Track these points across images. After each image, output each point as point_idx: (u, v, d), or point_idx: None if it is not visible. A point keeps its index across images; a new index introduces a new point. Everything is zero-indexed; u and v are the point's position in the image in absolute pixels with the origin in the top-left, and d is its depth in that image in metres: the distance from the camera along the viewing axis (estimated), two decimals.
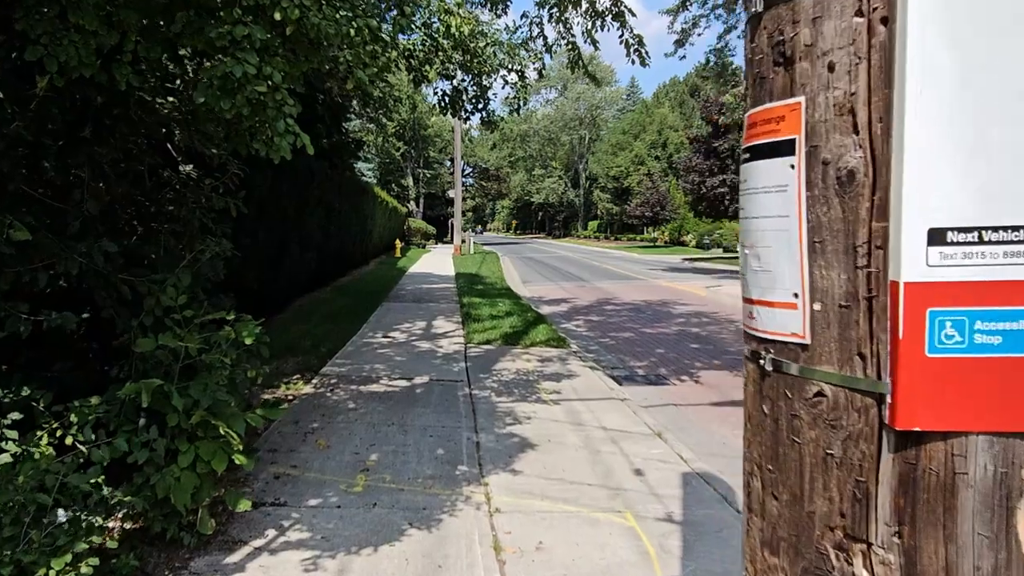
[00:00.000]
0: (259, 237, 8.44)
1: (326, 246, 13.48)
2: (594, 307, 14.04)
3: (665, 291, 17.10)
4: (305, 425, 5.05)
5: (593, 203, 76.51)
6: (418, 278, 19.03)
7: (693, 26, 20.29)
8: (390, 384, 6.45)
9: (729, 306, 13.74)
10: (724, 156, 29.65)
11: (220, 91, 2.65)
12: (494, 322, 10.40)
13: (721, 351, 9.10)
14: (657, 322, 11.74)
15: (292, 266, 10.66)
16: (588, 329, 11.20)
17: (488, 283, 17.32)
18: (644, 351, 9.22)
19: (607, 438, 5.03)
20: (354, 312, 11.32)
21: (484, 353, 8.29)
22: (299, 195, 10.61)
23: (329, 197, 12.97)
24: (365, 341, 8.83)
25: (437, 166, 58.16)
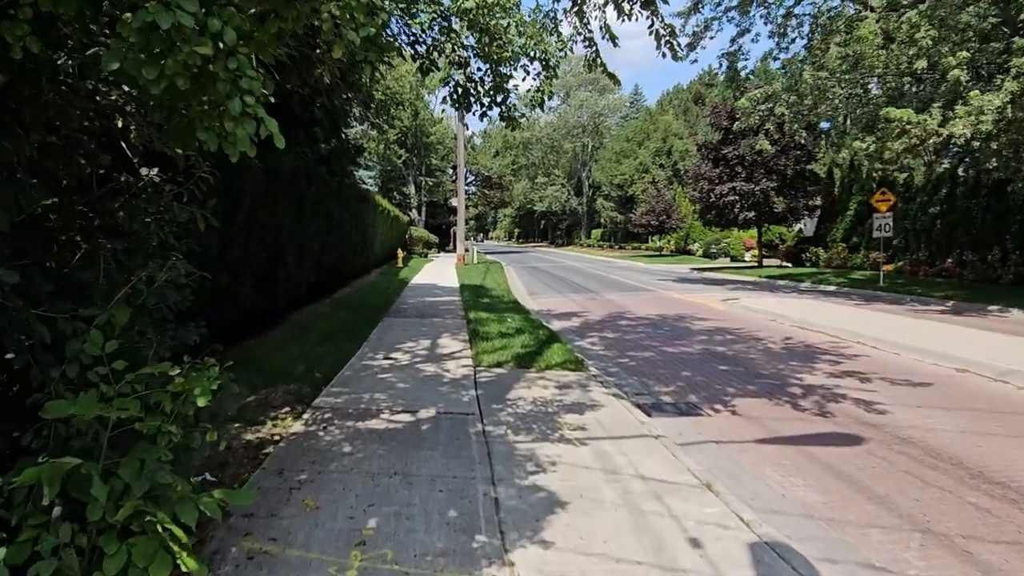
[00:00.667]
0: (250, 249, 7.68)
1: (325, 256, 12.74)
2: (607, 322, 13.26)
3: (680, 304, 16.32)
4: (291, 477, 4.27)
5: (596, 211, 75.82)
6: (421, 290, 18.27)
7: (705, 29, 19.63)
8: (392, 419, 5.67)
9: (751, 321, 12.95)
10: (733, 163, 28.88)
11: (142, 53, 1.88)
12: (504, 341, 9.62)
13: (753, 374, 8.31)
14: (677, 339, 10.96)
15: (288, 278, 9.91)
16: (604, 348, 10.42)
17: (494, 296, 16.56)
18: (669, 374, 8.44)
19: (649, 492, 4.25)
20: (354, 329, 10.55)
21: (495, 378, 7.51)
22: (296, 202, 9.88)
23: (328, 205, 12.23)
24: (365, 364, 8.05)
25: (439, 174, 57.53)
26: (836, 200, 29.08)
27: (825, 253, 28.72)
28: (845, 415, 6.47)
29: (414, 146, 53.88)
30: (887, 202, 20.50)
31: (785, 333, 11.49)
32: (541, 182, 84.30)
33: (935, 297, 17.50)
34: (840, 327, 11.61)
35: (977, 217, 20.77)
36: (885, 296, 18.41)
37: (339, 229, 13.57)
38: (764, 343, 10.50)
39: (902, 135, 14.55)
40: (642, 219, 46.96)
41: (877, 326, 11.58)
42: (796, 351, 9.80)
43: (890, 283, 20.35)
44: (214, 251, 6.39)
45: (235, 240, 6.94)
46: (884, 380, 7.90)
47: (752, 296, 17.93)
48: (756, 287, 22.05)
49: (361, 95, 12.90)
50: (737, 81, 19.50)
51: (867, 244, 26.49)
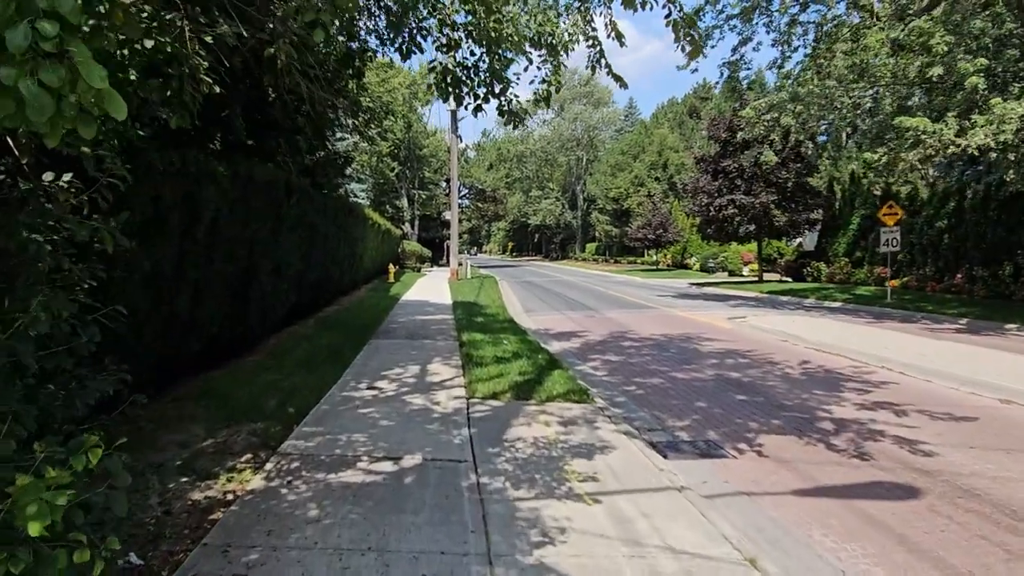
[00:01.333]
0: (216, 267, 6.87)
1: (308, 273, 11.92)
2: (609, 343, 12.47)
3: (684, 323, 15.55)
4: (237, 557, 3.44)
5: (591, 225, 75.25)
6: (412, 307, 17.45)
7: (706, 38, 18.98)
8: (371, 469, 4.85)
9: (762, 343, 12.18)
10: (733, 176, 28.23)
11: None
12: (500, 367, 8.81)
13: (775, 405, 7.52)
14: (686, 364, 10.17)
15: (264, 298, 9.09)
16: (608, 373, 9.62)
17: (489, 314, 15.76)
18: (682, 405, 7.64)
19: (681, 572, 3.44)
20: (336, 353, 9.72)
21: (491, 412, 6.70)
22: (273, 215, 9.08)
23: (311, 218, 11.43)
24: (345, 395, 7.22)
25: (433, 187, 56.82)
26: (837, 214, 28.47)
27: (827, 268, 28.05)
28: (889, 458, 5.68)
29: (407, 159, 53.18)
30: (894, 216, 19.84)
31: (801, 356, 10.72)
32: (535, 195, 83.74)
33: (947, 314, 16.80)
34: (859, 349, 10.85)
35: (987, 231, 20.12)
36: (895, 313, 17.71)
37: (324, 244, 12.77)
38: (781, 368, 9.72)
39: (916, 145, 13.88)
40: (638, 233, 46.29)
41: (898, 348, 10.83)
42: (817, 377, 9.03)
43: (898, 299, 19.67)
44: (167, 271, 5.59)
45: (194, 258, 6.14)
46: (922, 413, 7.12)
47: (758, 314, 17.18)
48: (759, 303, 21.32)
49: (348, 102, 12.14)
50: (739, 91, 18.86)
51: (871, 259, 25.85)
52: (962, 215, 21.42)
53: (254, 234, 8.04)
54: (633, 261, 57.98)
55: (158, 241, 5.26)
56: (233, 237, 7.27)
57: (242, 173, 7.25)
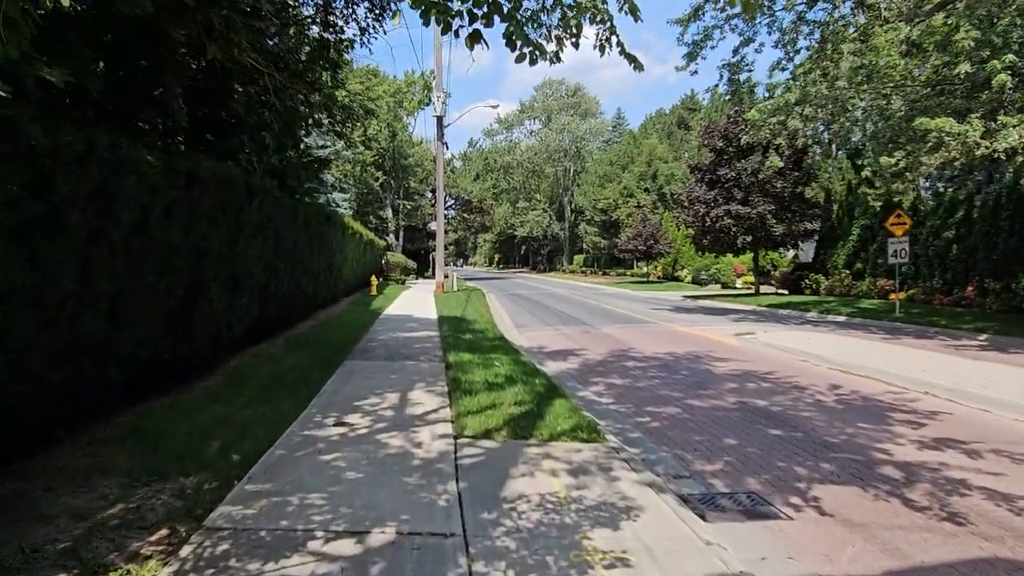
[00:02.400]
0: (143, 279, 5.60)
1: (274, 285, 10.65)
2: (611, 363, 11.29)
3: (688, 340, 14.41)
4: None
5: (579, 236, 74.33)
6: (394, 323, 16.19)
7: (705, 38, 18.02)
8: (325, 552, 3.61)
9: (780, 363, 11.05)
10: (729, 185, 27.26)
11: None
12: (492, 395, 7.59)
13: (819, 443, 6.36)
14: (701, 388, 9.01)
15: (216, 315, 7.81)
16: (615, 400, 8.44)
17: (477, 330, 14.53)
18: (707, 442, 6.47)
19: None
20: (304, 377, 8.46)
21: (484, 458, 5.48)
22: (229, 219, 7.83)
23: (278, 224, 10.19)
24: (307, 435, 5.97)
25: (418, 197, 55.64)
26: (836, 224, 27.57)
27: (826, 280, 27.10)
28: (987, 520, 4.52)
29: (392, 168, 51.97)
30: (902, 225, 18.88)
31: (828, 379, 9.59)
32: (522, 207, 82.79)
33: (964, 330, 15.81)
34: (889, 370, 9.74)
35: (999, 241, 19.21)
36: (907, 328, 16.69)
37: (294, 253, 11.51)
38: (810, 394, 8.58)
39: (937, 148, 12.89)
40: (628, 244, 45.27)
41: (933, 369, 9.72)
42: (856, 406, 7.88)
43: (906, 313, 18.68)
44: (65, 284, 4.32)
45: (108, 268, 4.88)
46: (999, 454, 5.98)
47: (764, 329, 16.08)
48: (761, 317, 20.26)
49: (322, 96, 10.92)
50: (739, 94, 17.87)
51: (872, 270, 24.93)
52: (971, 225, 20.53)
53: (202, 241, 6.78)
54: (622, 273, 57.01)
55: (48, 246, 4.02)
56: (171, 243, 6.02)
57: (182, 167, 6.02)
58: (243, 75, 9.22)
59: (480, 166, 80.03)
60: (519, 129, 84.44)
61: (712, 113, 53.73)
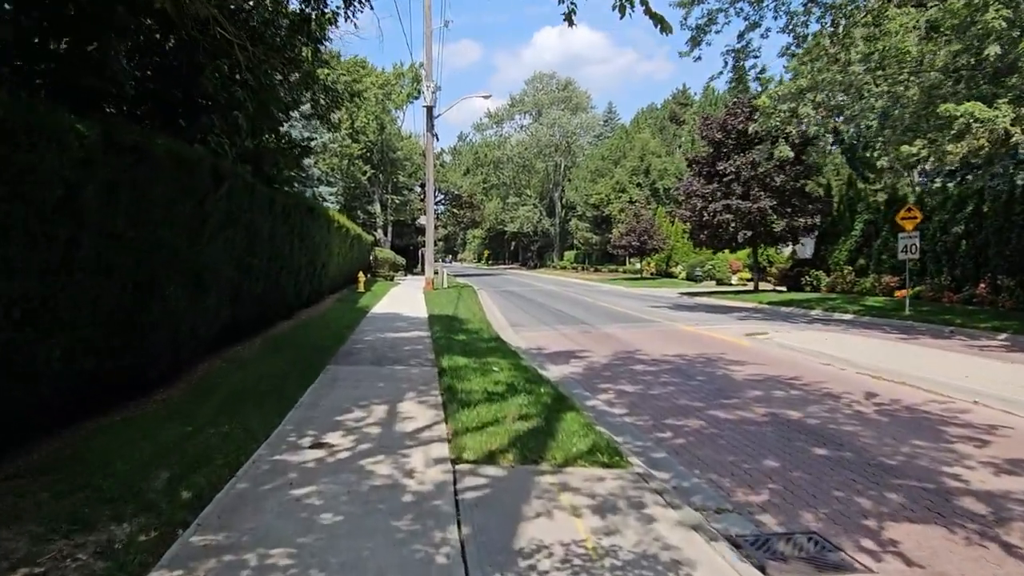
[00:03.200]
0: (74, 277, 4.61)
1: (248, 283, 9.66)
2: (618, 367, 10.40)
3: (696, 340, 13.54)
4: None
5: (570, 232, 73.45)
6: (382, 322, 15.22)
7: (709, 22, 17.13)
8: None
9: (802, 367, 10.19)
10: (728, 179, 26.41)
11: None
12: (493, 407, 6.67)
13: (875, 466, 5.48)
14: (723, 396, 8.13)
15: (176, 318, 6.83)
16: (628, 410, 7.55)
17: (471, 330, 13.59)
18: (744, 463, 5.58)
19: None
20: (279, 387, 7.51)
21: (490, 490, 4.55)
22: (191, 208, 6.85)
23: (253, 215, 9.20)
24: (278, 461, 5.03)
25: (407, 192, 54.56)
26: (837, 219, 26.79)
27: (827, 277, 26.33)
28: None
29: (380, 162, 50.86)
30: (913, 220, 18.11)
31: (861, 386, 8.73)
32: (512, 202, 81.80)
33: (980, 329, 15.04)
34: (925, 376, 8.89)
35: (1012, 236, 18.47)
36: (920, 327, 15.92)
37: (272, 248, 10.52)
38: (847, 404, 7.71)
39: (962, 136, 12.08)
40: (622, 240, 44.40)
41: (976, 375, 8.87)
42: (902, 419, 7.02)
43: (916, 311, 17.91)
44: None
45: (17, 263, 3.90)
46: None
47: (775, 328, 15.25)
48: (765, 315, 19.45)
49: (302, 74, 9.93)
50: (745, 81, 17.00)
51: (876, 267, 24.18)
52: (981, 219, 19.79)
53: (154, 231, 5.80)
54: (615, 269, 56.20)
55: None
56: (112, 233, 5.05)
57: (126, 141, 5.04)
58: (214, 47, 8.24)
59: (470, 160, 78.96)
60: (509, 124, 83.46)
61: (707, 107, 52.98)
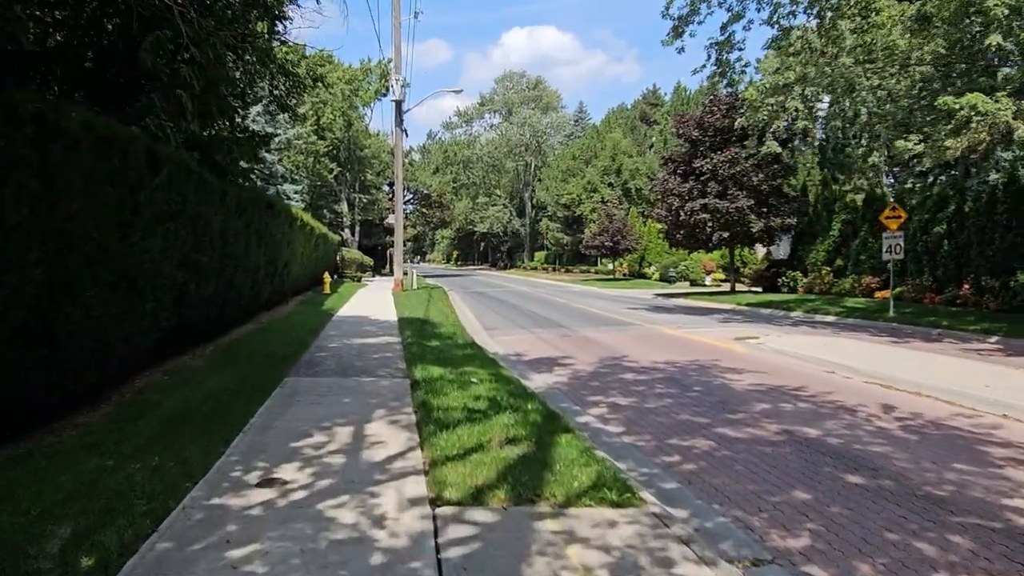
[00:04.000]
0: None
1: (197, 286, 8.61)
2: (606, 375, 9.59)
3: (684, 345, 12.81)
4: None
5: (540, 233, 72.80)
6: (349, 326, 14.20)
7: (692, 12, 16.46)
8: None
9: (806, 376, 9.49)
10: (706, 178, 25.87)
11: None
12: (475, 428, 5.78)
13: (922, 497, 4.73)
14: (727, 410, 7.36)
15: (99, 326, 5.79)
16: (626, 428, 6.73)
17: (444, 334, 12.67)
18: (771, 495, 4.79)
19: None
20: (227, 406, 6.52)
21: (479, 545, 3.66)
22: (120, 196, 5.83)
23: (200, 209, 8.16)
24: (215, 506, 4.07)
25: (375, 191, 53.27)
26: (814, 219, 26.43)
27: (805, 277, 25.96)
28: None
29: (347, 160, 49.50)
30: (898, 219, 17.67)
31: (874, 397, 8.04)
32: (482, 202, 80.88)
33: (969, 331, 14.61)
34: (942, 385, 8.23)
35: (995, 236, 18.16)
36: (906, 329, 15.47)
37: (224, 245, 9.48)
38: (864, 418, 6.99)
39: (959, 131, 11.54)
40: (595, 240, 43.77)
41: (994, 384, 8.23)
42: (930, 436, 6.31)
43: (899, 313, 17.48)
44: None
45: None
46: None
47: (763, 332, 14.61)
48: (746, 317, 18.89)
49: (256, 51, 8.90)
50: (728, 75, 16.35)
51: (855, 267, 23.83)
52: (963, 219, 19.47)
53: (67, 223, 4.79)
54: (586, 270, 55.66)
55: None
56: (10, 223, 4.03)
57: (25, 111, 4.05)
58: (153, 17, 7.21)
59: (440, 159, 77.82)
60: (479, 123, 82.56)
61: (679, 106, 52.72)
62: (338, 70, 47.87)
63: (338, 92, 45.08)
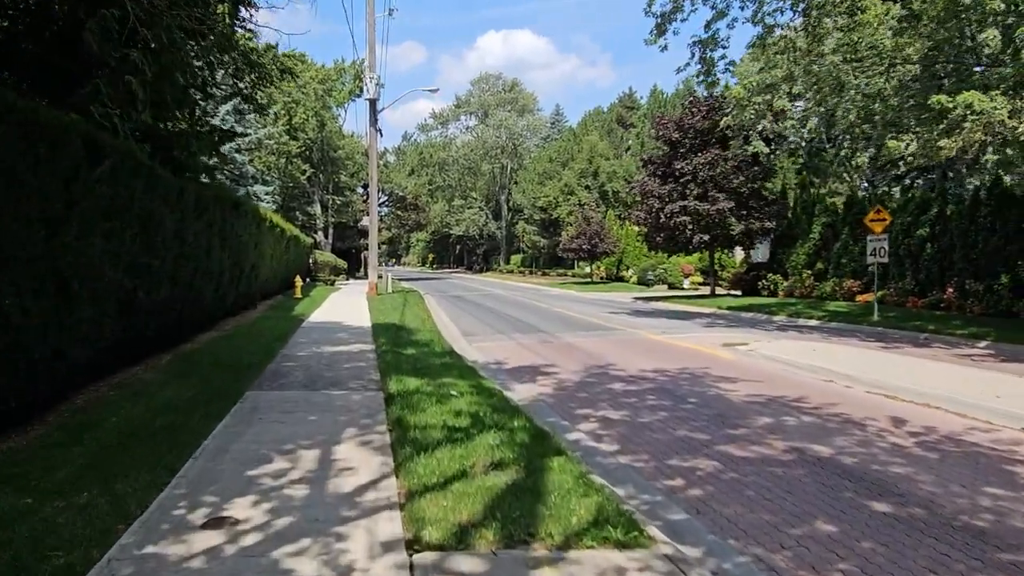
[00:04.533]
0: None
1: (147, 290, 7.86)
2: (592, 385, 9.03)
3: (670, 352, 12.31)
4: None
5: (516, 236, 72.27)
6: (319, 333, 13.48)
7: (675, 10, 16.02)
8: None
9: (800, 383, 9.02)
10: (686, 180, 25.49)
11: None
12: (458, 451, 5.17)
13: (960, 529, 4.22)
14: (728, 425, 6.84)
15: (25, 339, 5.08)
16: (620, 445, 6.17)
17: (421, 342, 12.02)
18: (790, 524, 4.26)
19: None
20: (178, 425, 5.83)
21: None
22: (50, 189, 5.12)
23: (152, 207, 7.44)
24: (147, 557, 3.41)
25: (349, 192, 52.30)
26: (794, 223, 26.21)
27: (785, 281, 25.72)
28: None
29: (320, 161, 48.50)
30: (882, 222, 17.42)
31: (878, 408, 7.57)
32: (458, 205, 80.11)
33: (957, 335, 14.35)
34: (947, 395, 7.79)
35: (978, 239, 17.99)
36: (893, 334, 15.17)
37: (181, 247, 8.73)
38: (875, 433, 6.51)
39: (950, 131, 11.21)
40: (572, 243, 43.32)
41: (1009, 393, 7.81)
42: (951, 454, 5.83)
43: (883, 317, 17.20)
44: None
45: None
46: None
47: (749, 336, 14.19)
48: (729, 322, 18.51)
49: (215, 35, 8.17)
50: (713, 73, 15.91)
51: (836, 271, 23.62)
52: (946, 222, 19.30)
53: None
54: (563, 273, 55.23)
55: None
56: None
57: None
58: None
59: (415, 161, 76.91)
60: (455, 125, 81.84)
61: (656, 108, 52.56)
62: (311, 69, 46.92)
63: (311, 92, 44.13)
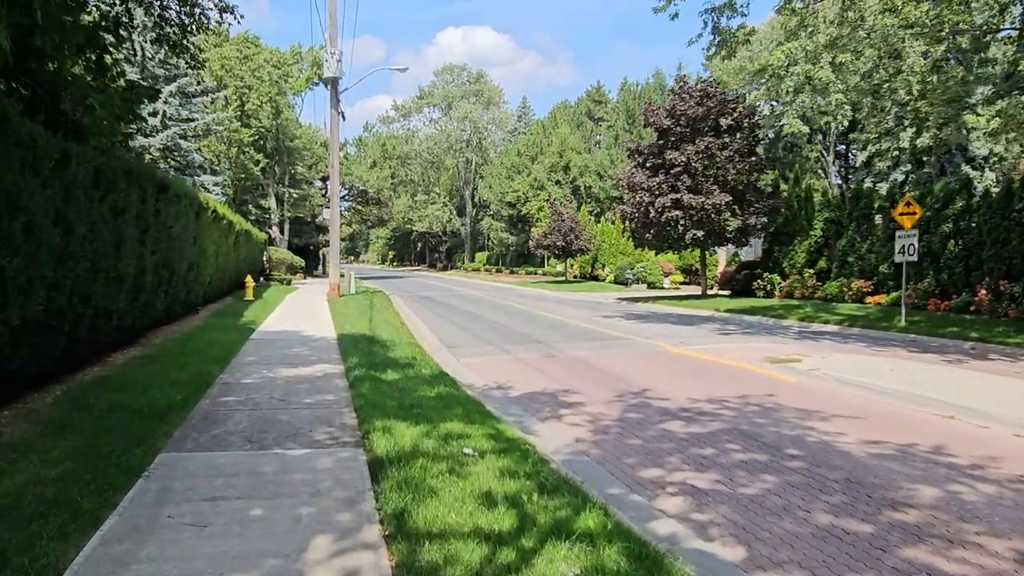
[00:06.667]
0: None
1: (21, 300, 5.31)
2: (640, 424, 6.74)
3: (711, 371, 10.13)
4: None
5: (482, 232, 69.85)
6: (273, 347, 10.92)
7: None
8: None
9: (908, 420, 6.90)
10: (677, 171, 23.46)
11: None
12: None
13: None
14: (882, 504, 4.64)
15: None
16: (745, 551, 3.89)
17: (400, 360, 9.57)
18: None
19: None
20: (23, 543, 3.34)
21: None
22: None
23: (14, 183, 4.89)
24: None
25: (306, 186, 49.14)
26: (791, 218, 24.42)
27: (783, 281, 23.93)
28: None
29: (275, 151, 45.28)
30: (912, 216, 15.61)
31: None
32: (421, 200, 77.24)
33: (1009, 344, 12.58)
34: None
35: (1012, 236, 16.31)
36: (932, 342, 13.38)
37: (67, 241, 6.15)
38: None
39: None
40: (545, 240, 41.09)
41: None
42: None
43: (910, 322, 15.39)
44: None
45: None
46: None
47: (794, 350, 12.12)
48: (740, 327, 16.51)
49: None
50: (729, 43, 13.81)
51: (840, 270, 21.89)
52: (971, 217, 17.61)
53: None
54: (533, 271, 53.00)
55: None
56: None
57: None
58: None
59: (378, 152, 73.72)
60: (417, 117, 78.93)
61: (629, 101, 50.69)
62: (265, 52, 43.72)
63: (264, 75, 40.96)
